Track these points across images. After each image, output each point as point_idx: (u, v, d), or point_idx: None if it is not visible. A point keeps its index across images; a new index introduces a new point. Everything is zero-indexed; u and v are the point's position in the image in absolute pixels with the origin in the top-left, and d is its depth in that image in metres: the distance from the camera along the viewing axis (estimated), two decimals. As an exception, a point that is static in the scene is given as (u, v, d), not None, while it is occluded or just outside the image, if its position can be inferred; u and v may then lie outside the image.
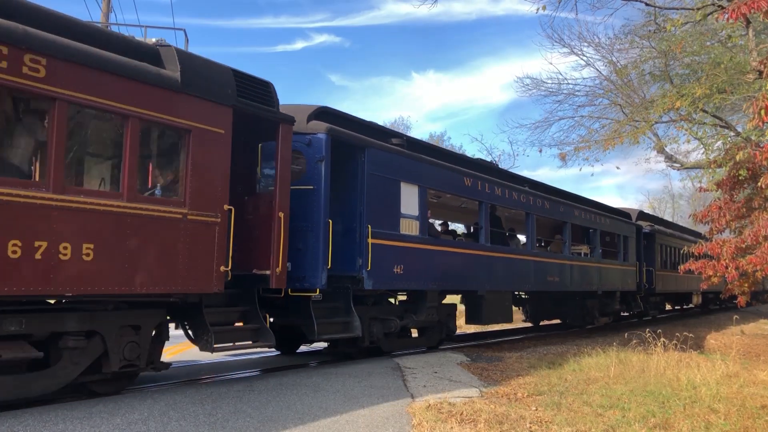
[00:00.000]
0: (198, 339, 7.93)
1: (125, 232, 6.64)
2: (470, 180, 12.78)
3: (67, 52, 6.17)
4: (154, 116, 6.96)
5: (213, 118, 7.56)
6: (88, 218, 6.33)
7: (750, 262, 11.86)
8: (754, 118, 9.55)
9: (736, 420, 7.40)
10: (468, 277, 12.65)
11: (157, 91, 6.98)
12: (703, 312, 31.78)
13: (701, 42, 14.88)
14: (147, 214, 6.88)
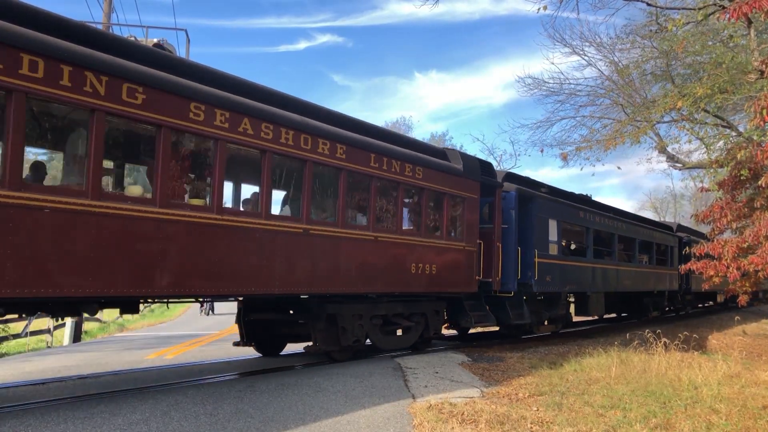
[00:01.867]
0: (461, 320, 13.46)
1: (443, 256, 12.00)
2: (582, 212, 17.84)
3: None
4: (452, 191, 12.31)
5: (473, 189, 12.93)
6: (428, 249, 11.63)
7: (751, 262, 11.84)
8: (756, 117, 9.54)
9: (738, 420, 7.40)
10: (582, 282, 17.48)
11: (455, 177, 12.36)
12: (705, 312, 32.20)
13: (703, 42, 14.87)
14: (451, 246, 12.28)
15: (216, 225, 7.65)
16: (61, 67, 6.08)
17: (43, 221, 5.97)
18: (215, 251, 7.61)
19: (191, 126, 7.36)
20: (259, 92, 8.73)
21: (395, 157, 10.75)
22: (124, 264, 6.64)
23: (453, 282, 12.26)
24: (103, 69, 6.43)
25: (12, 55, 5.70)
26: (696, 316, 29.56)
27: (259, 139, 8.20)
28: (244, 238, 8.03)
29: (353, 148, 9.83)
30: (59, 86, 6.07)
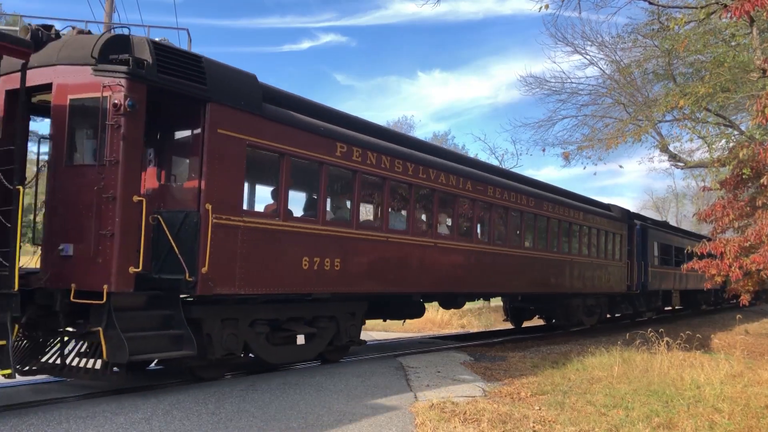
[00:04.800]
0: (616, 310, 22.08)
1: (608, 269, 19.89)
2: (669, 235, 26.67)
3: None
4: (612, 231, 19.96)
5: (623, 228, 20.78)
6: (603, 265, 19.50)
7: (754, 261, 11.81)
8: (758, 116, 9.52)
9: (740, 420, 7.38)
10: (669, 282, 25.35)
11: (614, 221, 20.29)
12: (707, 312, 32.31)
13: (705, 41, 14.83)
14: (612, 263, 19.97)
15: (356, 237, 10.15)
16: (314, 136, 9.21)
17: (291, 240, 8.87)
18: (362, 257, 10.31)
19: (370, 169, 10.35)
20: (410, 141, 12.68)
21: (576, 208, 17.90)
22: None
23: (612, 285, 20.00)
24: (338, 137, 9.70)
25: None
26: (698, 315, 29.65)
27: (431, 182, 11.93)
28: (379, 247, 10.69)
29: (551, 203, 16.36)
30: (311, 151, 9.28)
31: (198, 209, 7.60)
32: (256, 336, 8.86)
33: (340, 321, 10.28)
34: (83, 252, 6.87)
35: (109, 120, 6.87)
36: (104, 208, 6.82)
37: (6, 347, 5.99)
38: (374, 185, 10.80)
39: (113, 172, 6.82)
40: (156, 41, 7.61)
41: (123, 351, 6.68)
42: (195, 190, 7.75)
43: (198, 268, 7.47)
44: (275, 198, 9.02)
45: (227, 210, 7.84)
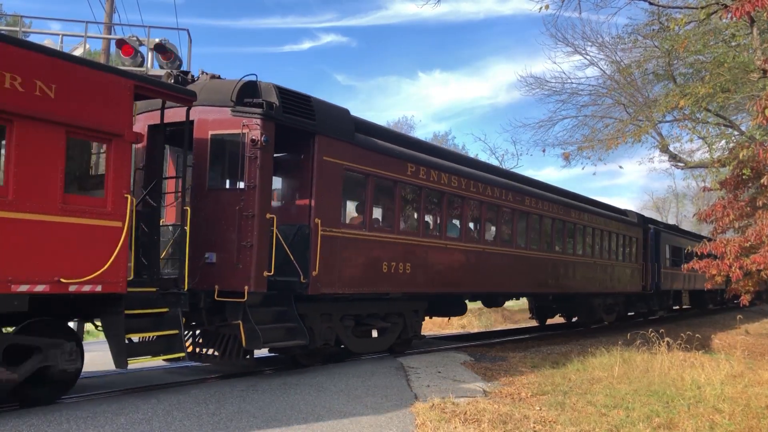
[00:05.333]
0: (632, 309, 23.79)
1: (626, 270, 21.31)
2: (678, 238, 27.46)
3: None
4: (627, 234, 21.28)
5: (638, 233, 22.18)
6: (622, 266, 21.08)
7: (754, 262, 11.80)
8: (758, 116, 9.52)
9: (741, 420, 7.38)
10: (679, 282, 26.38)
11: (630, 225, 21.65)
12: (714, 311, 32.73)
13: (705, 41, 14.83)
14: (630, 265, 21.64)
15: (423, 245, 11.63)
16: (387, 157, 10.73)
17: (374, 247, 10.35)
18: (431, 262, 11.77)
19: (432, 185, 11.75)
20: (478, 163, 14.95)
21: (598, 215, 19.23)
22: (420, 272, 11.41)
23: (628, 285, 21.26)
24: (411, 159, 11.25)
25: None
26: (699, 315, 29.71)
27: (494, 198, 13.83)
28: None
29: (576, 211, 17.75)
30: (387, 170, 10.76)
31: (309, 223, 9.17)
32: (344, 329, 10.34)
33: (407, 317, 11.72)
34: (225, 259, 8.33)
35: (247, 152, 8.38)
36: (244, 224, 8.31)
37: (179, 335, 7.50)
38: (435, 198, 12.20)
39: (252, 195, 8.34)
40: (280, 86, 9.02)
41: (258, 340, 8.24)
42: (306, 207, 9.29)
43: (309, 271, 9.00)
44: (360, 212, 10.70)
45: (331, 223, 9.45)
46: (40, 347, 6.56)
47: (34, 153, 6.16)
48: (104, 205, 6.75)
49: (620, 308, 22.26)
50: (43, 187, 6.22)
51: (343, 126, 9.90)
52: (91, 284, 6.49)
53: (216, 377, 9.10)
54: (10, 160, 6.03)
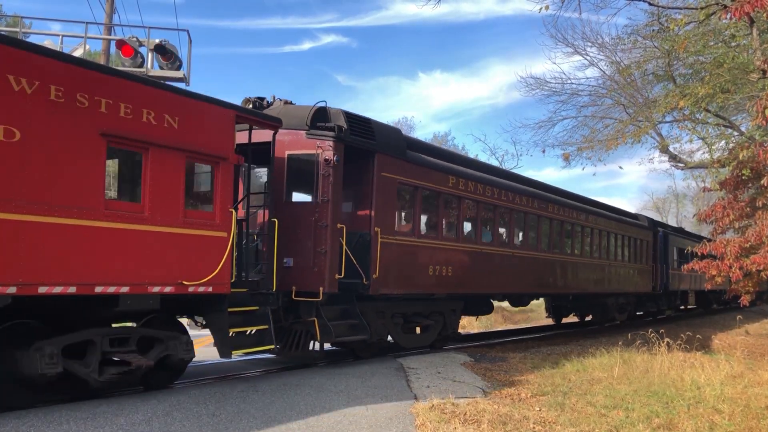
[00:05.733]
0: (642, 308, 25.16)
1: (637, 271, 22.31)
2: (686, 240, 27.15)
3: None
4: (638, 237, 22.27)
5: (649, 236, 23.29)
6: (633, 268, 22.00)
7: (754, 262, 11.80)
8: (758, 117, 9.51)
9: (741, 420, 7.39)
10: (686, 283, 27.09)
11: (641, 229, 22.93)
12: (717, 310, 33.04)
13: (704, 42, 14.83)
14: (640, 267, 22.68)
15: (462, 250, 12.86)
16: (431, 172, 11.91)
17: (422, 252, 11.55)
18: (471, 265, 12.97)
19: (469, 195, 12.99)
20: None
21: (612, 219, 20.42)
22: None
23: (639, 286, 22.40)
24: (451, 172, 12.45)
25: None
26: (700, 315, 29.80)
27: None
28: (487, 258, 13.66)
29: (594, 216, 18.89)
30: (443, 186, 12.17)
31: (370, 231, 10.35)
32: (394, 326, 11.55)
33: (446, 316, 12.90)
34: (302, 264, 9.49)
35: (321, 170, 9.58)
36: (319, 233, 9.49)
37: (269, 329, 8.68)
38: (471, 207, 13.33)
39: (325, 208, 9.54)
40: (347, 111, 10.24)
41: (330, 335, 9.53)
42: (367, 216, 10.46)
43: (370, 274, 10.20)
44: (409, 220, 11.91)
45: (387, 231, 10.65)
46: (162, 339, 7.68)
47: (163, 175, 7.29)
48: (213, 218, 7.91)
49: (631, 308, 23.47)
50: (170, 204, 7.38)
51: (397, 144, 11.23)
52: (205, 286, 7.65)
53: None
54: (145, 182, 7.18)
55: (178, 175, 7.45)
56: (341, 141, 9.76)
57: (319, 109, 10.07)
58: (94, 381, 7.00)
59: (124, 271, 6.89)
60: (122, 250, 6.89)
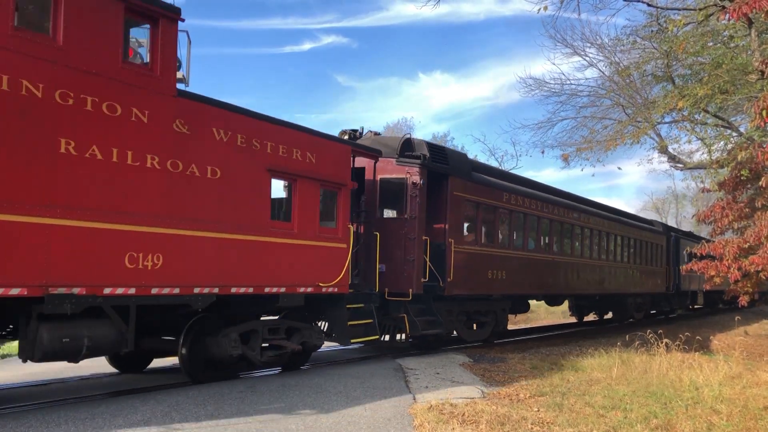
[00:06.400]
0: (656, 306, 26.66)
1: (651, 274, 24.18)
2: (693, 244, 26.47)
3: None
4: (654, 241, 24.26)
5: (661, 238, 25.11)
6: (647, 270, 23.62)
7: (753, 263, 11.82)
8: (756, 118, 9.52)
9: (739, 421, 7.39)
10: (695, 282, 27.56)
11: (656, 233, 24.89)
12: (711, 312, 33.00)
13: (703, 43, 14.84)
14: (655, 269, 24.60)
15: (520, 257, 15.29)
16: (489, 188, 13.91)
17: (482, 259, 13.56)
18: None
19: (518, 208, 15.12)
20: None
21: (632, 226, 22.33)
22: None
23: (654, 287, 24.15)
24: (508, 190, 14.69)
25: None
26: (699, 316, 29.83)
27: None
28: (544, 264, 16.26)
29: (617, 224, 21.02)
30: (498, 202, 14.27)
31: (444, 241, 12.31)
32: (459, 322, 13.57)
33: (498, 314, 14.87)
34: (393, 270, 11.51)
35: (409, 192, 11.67)
36: (408, 244, 11.55)
37: (373, 323, 10.75)
38: (520, 219, 15.26)
39: (413, 223, 11.64)
40: (428, 142, 12.69)
41: (417, 329, 11.61)
42: (442, 229, 12.42)
43: (446, 278, 12.13)
44: (472, 231, 13.66)
45: (458, 241, 12.58)
46: (300, 329, 9.63)
47: (305, 200, 9.27)
48: (337, 232, 9.92)
49: (647, 307, 25.33)
50: (310, 222, 9.33)
51: (464, 167, 13.27)
52: (333, 287, 9.64)
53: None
54: (295, 205, 9.13)
55: (315, 199, 9.49)
56: (425, 167, 11.85)
57: (407, 139, 12.29)
58: (258, 361, 9.08)
59: (282, 276, 8.81)
60: (280, 259, 8.81)
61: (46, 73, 6.25)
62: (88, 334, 6.66)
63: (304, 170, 9.16)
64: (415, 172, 11.68)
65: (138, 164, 7.03)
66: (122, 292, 6.86)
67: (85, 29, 6.63)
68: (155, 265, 7.18)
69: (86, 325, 6.68)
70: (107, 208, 6.72)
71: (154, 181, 7.19)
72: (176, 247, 7.39)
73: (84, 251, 6.51)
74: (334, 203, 10.01)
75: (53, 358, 6.67)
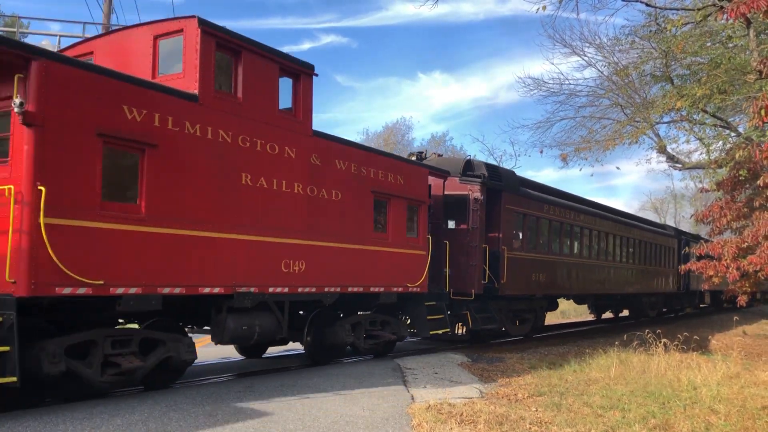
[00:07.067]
0: (668, 306, 28.90)
1: (660, 275, 25.93)
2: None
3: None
4: (666, 245, 26.30)
5: (672, 241, 27.14)
6: (659, 272, 25.60)
7: (751, 262, 11.83)
8: (755, 117, 9.51)
9: (737, 421, 7.39)
10: (700, 283, 26.75)
11: (668, 237, 26.95)
12: (712, 311, 33.00)
13: (702, 43, 14.84)
14: (665, 270, 26.34)
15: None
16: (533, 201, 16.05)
17: (528, 264, 15.54)
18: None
19: (557, 218, 17.28)
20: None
21: (648, 231, 24.43)
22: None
23: (666, 287, 26.03)
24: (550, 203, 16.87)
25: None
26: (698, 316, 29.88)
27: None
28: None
29: (637, 229, 23.23)
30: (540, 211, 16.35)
31: (498, 248, 14.17)
32: (508, 319, 15.44)
33: (537, 312, 16.98)
34: (457, 273, 13.20)
35: (471, 206, 13.59)
36: (470, 251, 13.46)
37: (445, 318, 12.48)
38: (556, 227, 17.33)
39: (475, 233, 13.58)
40: (486, 162, 14.93)
41: (478, 324, 13.62)
42: (497, 238, 14.24)
43: (500, 280, 14.00)
44: (519, 238, 15.33)
45: (509, 248, 14.52)
46: (390, 322, 11.71)
47: (396, 214, 11.30)
48: (418, 242, 11.90)
49: (660, 305, 27.43)
50: (399, 233, 11.36)
51: (513, 183, 15.32)
52: (417, 287, 11.66)
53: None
54: (389, 220, 11.13)
55: (403, 214, 11.47)
56: (484, 185, 13.80)
57: (468, 161, 14.53)
58: (362, 348, 11.11)
59: (381, 277, 10.80)
60: (380, 264, 10.75)
61: (233, 123, 8.16)
62: (259, 323, 8.60)
63: (395, 190, 11.20)
64: (476, 189, 13.60)
65: (289, 191, 9.00)
66: (280, 291, 8.84)
67: (254, 86, 8.53)
68: (300, 270, 9.15)
69: (257, 316, 8.60)
70: (272, 225, 8.69)
71: (300, 204, 9.19)
72: (313, 255, 9.37)
73: (256, 259, 8.46)
74: (416, 217, 11.95)
75: (235, 342, 8.99)
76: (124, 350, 7.21)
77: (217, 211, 7.90)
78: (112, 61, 8.18)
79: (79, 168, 6.55)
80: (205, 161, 7.79)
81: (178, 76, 7.98)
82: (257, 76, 8.58)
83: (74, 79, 6.58)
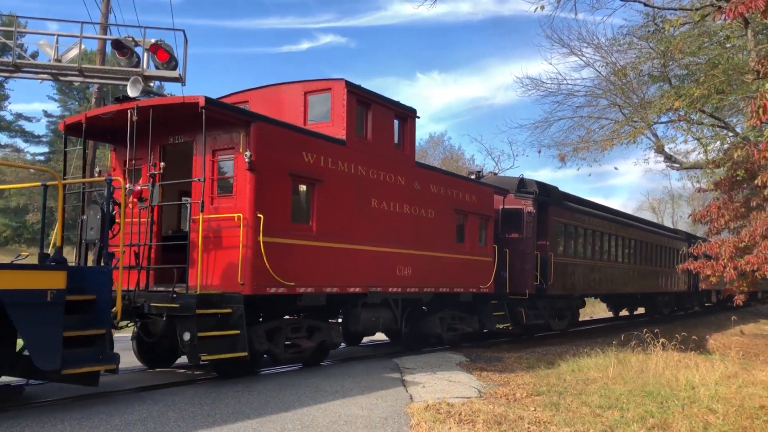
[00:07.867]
0: (680, 305, 31.50)
1: (675, 275, 28.00)
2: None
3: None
4: (675, 247, 28.24)
5: (683, 245, 27.35)
6: (671, 272, 27.67)
7: (748, 262, 11.83)
8: (752, 116, 9.53)
9: (735, 420, 7.40)
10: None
11: (677, 241, 28.84)
12: (704, 312, 32.83)
13: (700, 43, 14.86)
14: (675, 271, 26.72)
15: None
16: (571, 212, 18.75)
17: (569, 267, 18.15)
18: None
19: (592, 227, 19.91)
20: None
21: (662, 235, 27.25)
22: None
23: (678, 286, 28.25)
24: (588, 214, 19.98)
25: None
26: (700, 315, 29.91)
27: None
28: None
29: (653, 234, 26.12)
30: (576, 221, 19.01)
31: (546, 254, 16.46)
32: (551, 315, 17.60)
33: (573, 309, 19.62)
34: (513, 276, 15.25)
35: (525, 218, 15.90)
36: (525, 257, 15.66)
37: (506, 314, 14.70)
38: (590, 235, 19.77)
39: (529, 241, 15.86)
40: (536, 180, 17.18)
41: (531, 319, 15.98)
42: (545, 245, 16.55)
43: (548, 282, 16.28)
44: (562, 245, 17.60)
45: (555, 254, 16.84)
46: (465, 317, 13.74)
47: (471, 227, 13.65)
48: (487, 250, 14.22)
49: (672, 304, 29.80)
50: (473, 243, 13.68)
51: (557, 197, 17.89)
52: (486, 288, 13.91)
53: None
54: (466, 232, 13.46)
55: (476, 227, 13.76)
56: (536, 200, 16.14)
57: (521, 179, 16.85)
58: (446, 338, 13.12)
59: (461, 280, 13.10)
60: (459, 269, 13.06)
61: (366, 160, 10.62)
62: (382, 316, 11.16)
63: (471, 207, 13.48)
64: (529, 203, 15.93)
65: (400, 211, 11.45)
66: (395, 291, 11.29)
67: (378, 129, 11.02)
68: (408, 274, 11.55)
69: (380, 311, 11.15)
70: (390, 239, 11.12)
71: (407, 221, 11.64)
72: (416, 262, 11.75)
73: (381, 265, 10.88)
74: (485, 229, 14.20)
75: (366, 333, 12.19)
76: (298, 335, 9.43)
77: (358, 229, 10.35)
78: (267, 110, 10.23)
79: (279, 199, 8.92)
80: (350, 191, 10.22)
81: (327, 124, 10.36)
82: (380, 121, 11.05)
83: (276, 135, 8.91)
